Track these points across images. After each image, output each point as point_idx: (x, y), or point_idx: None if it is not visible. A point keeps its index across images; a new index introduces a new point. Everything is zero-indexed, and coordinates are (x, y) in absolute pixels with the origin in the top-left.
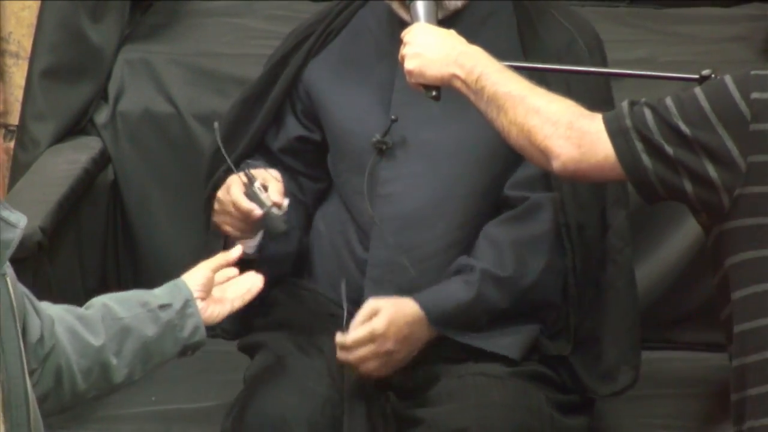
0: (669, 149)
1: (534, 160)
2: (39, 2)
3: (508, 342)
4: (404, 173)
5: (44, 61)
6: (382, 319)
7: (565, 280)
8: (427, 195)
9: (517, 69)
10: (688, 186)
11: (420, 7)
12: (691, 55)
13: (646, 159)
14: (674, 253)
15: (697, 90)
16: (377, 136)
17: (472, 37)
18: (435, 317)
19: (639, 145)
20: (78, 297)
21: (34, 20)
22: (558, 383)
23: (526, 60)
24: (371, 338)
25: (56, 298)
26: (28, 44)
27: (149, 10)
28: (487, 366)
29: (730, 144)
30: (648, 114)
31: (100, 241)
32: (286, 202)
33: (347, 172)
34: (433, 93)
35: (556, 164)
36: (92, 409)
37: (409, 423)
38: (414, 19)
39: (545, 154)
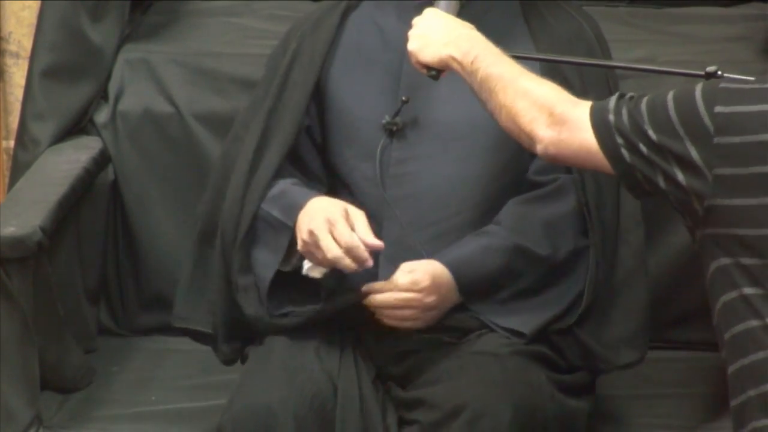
0: (643, 149)
1: (522, 142)
2: (39, 2)
3: (523, 319)
4: (417, 154)
5: (44, 61)
6: (422, 272)
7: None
8: (441, 174)
9: (522, 59)
10: (663, 185)
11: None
12: (691, 55)
13: (626, 153)
14: (673, 253)
15: (669, 97)
16: (387, 118)
17: (475, 21)
18: (463, 285)
19: (619, 140)
20: (78, 297)
21: (34, 20)
22: (559, 364)
23: (536, 44)
24: (413, 288)
25: (56, 298)
26: (28, 44)
27: (149, 10)
28: (487, 344)
29: (695, 155)
30: (625, 115)
31: (100, 241)
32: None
33: (355, 158)
34: (433, 72)
35: (539, 148)
36: (92, 409)
37: (409, 406)
38: None
39: (530, 137)
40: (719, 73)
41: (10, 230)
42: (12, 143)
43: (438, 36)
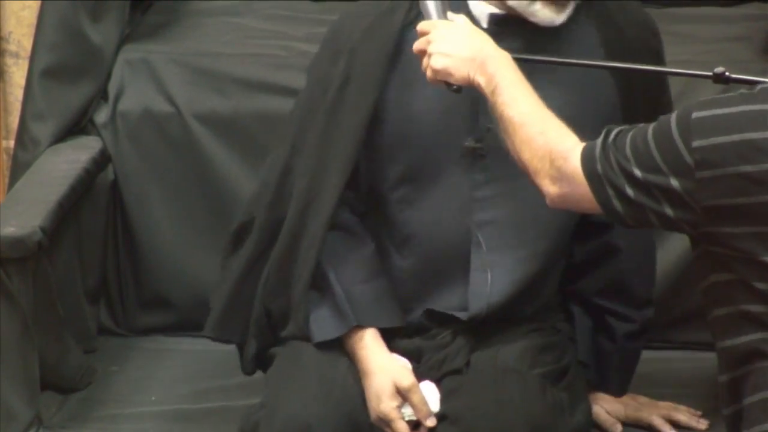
0: (630, 192)
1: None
2: (39, 2)
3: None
4: (498, 175)
5: (44, 61)
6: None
7: None
8: (523, 197)
9: (531, 61)
10: (655, 222)
11: (430, 5)
12: (691, 55)
13: (617, 204)
14: (673, 253)
15: (650, 135)
16: (471, 141)
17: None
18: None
19: (610, 191)
20: (78, 297)
21: (34, 20)
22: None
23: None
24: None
25: (56, 298)
26: (28, 44)
27: (149, 10)
28: (510, 358)
29: (681, 190)
30: (612, 159)
31: (100, 241)
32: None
33: (398, 180)
34: (454, 87)
35: (547, 200)
36: (92, 409)
37: None
38: (426, 17)
39: (539, 188)
40: (727, 73)
41: (10, 230)
42: (12, 143)
43: (465, 55)
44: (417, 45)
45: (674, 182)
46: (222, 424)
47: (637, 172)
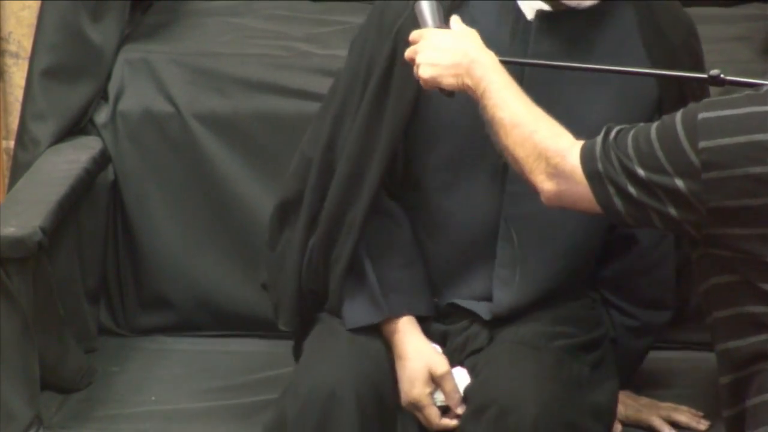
0: (632, 191)
1: (531, 188)
2: (39, 2)
3: None
4: None
5: (44, 61)
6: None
7: None
8: None
9: (517, 63)
10: (658, 223)
11: (425, 8)
12: None
13: (618, 202)
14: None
15: (653, 134)
16: None
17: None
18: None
19: (611, 189)
20: (78, 297)
21: (34, 20)
22: (594, 349)
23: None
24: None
25: (56, 298)
26: (28, 44)
27: (149, 10)
28: (529, 333)
29: (686, 191)
30: (614, 158)
31: (100, 241)
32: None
33: (438, 165)
34: (447, 91)
35: (543, 198)
36: (92, 409)
37: None
38: (420, 20)
39: (533, 186)
40: (722, 76)
41: (10, 230)
42: (12, 143)
43: (449, 62)
44: (406, 54)
45: (679, 183)
46: (222, 424)
47: (640, 172)
